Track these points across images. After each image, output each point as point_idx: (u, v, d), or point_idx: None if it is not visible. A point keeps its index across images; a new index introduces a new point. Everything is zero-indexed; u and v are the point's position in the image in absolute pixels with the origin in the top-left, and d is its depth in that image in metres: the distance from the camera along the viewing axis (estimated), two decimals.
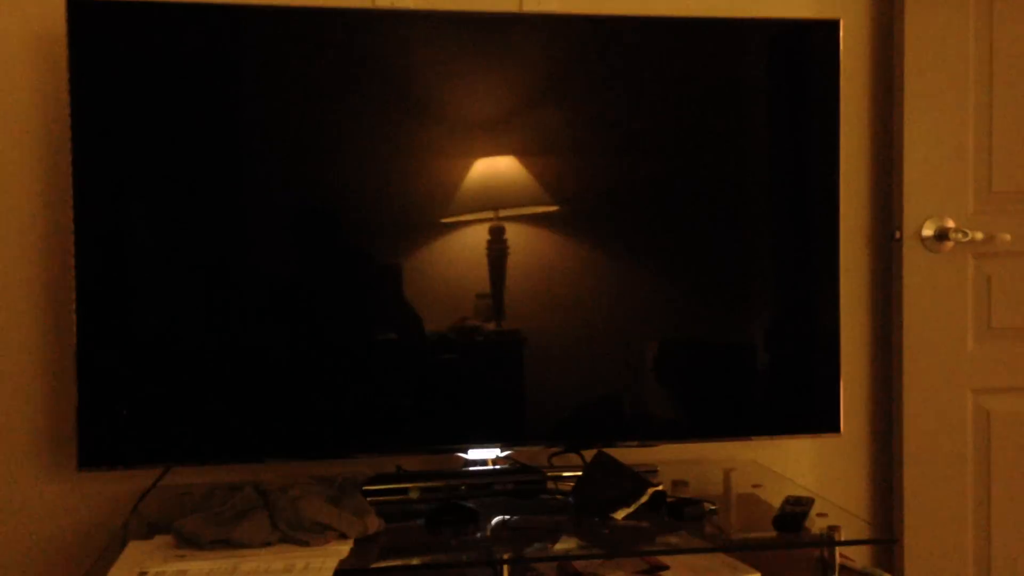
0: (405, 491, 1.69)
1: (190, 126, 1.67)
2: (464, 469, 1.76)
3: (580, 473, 1.71)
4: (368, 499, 1.58)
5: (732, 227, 1.85)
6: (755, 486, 1.81)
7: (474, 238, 1.72)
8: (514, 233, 1.73)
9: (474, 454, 1.75)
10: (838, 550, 1.54)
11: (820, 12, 1.99)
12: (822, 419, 1.83)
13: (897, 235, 1.97)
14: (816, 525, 1.56)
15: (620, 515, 1.58)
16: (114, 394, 1.63)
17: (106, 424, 1.62)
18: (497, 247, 1.73)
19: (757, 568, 1.50)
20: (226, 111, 1.69)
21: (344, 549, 1.42)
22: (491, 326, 1.74)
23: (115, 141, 1.64)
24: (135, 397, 1.64)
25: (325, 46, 1.71)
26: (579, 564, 1.51)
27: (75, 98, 1.60)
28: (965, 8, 1.96)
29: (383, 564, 1.43)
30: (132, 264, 1.66)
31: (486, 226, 1.73)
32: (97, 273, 1.62)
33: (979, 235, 1.95)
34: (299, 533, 1.43)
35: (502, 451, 1.76)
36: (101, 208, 1.63)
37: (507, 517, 1.62)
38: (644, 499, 1.60)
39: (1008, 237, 1.96)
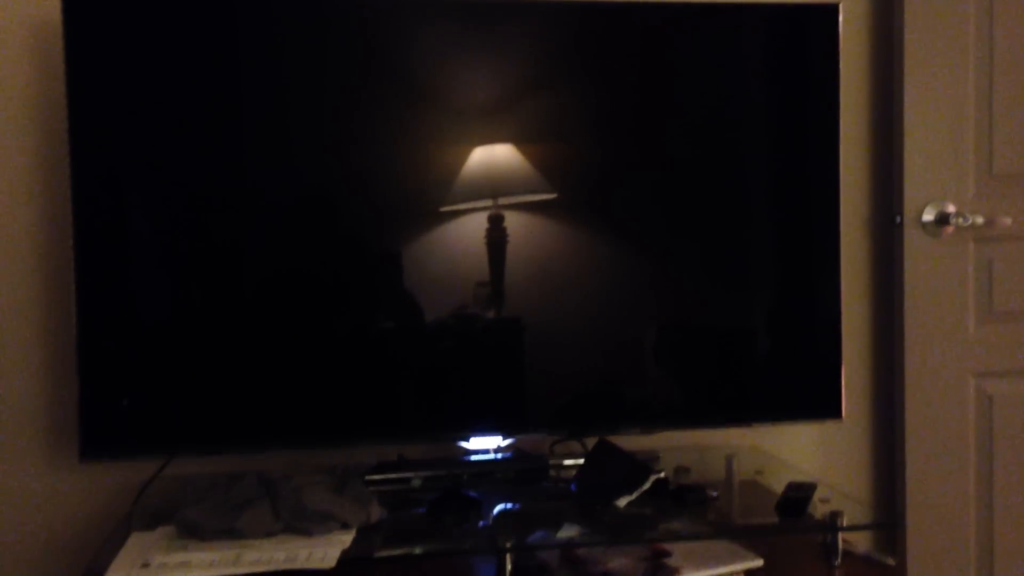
0: (407, 480, 1.69)
1: (187, 114, 1.66)
2: (466, 458, 1.76)
3: (582, 460, 1.71)
4: (370, 488, 1.58)
5: (732, 213, 1.84)
6: (757, 472, 1.81)
7: (473, 226, 1.72)
8: (513, 221, 1.73)
9: (476, 442, 1.75)
10: (841, 535, 1.54)
11: None
12: (824, 405, 1.83)
13: (898, 220, 1.97)
14: (819, 510, 1.56)
15: (622, 502, 1.58)
16: (115, 385, 1.62)
17: (108, 415, 1.62)
18: (496, 235, 1.72)
19: (760, 554, 1.50)
20: (224, 98, 1.68)
21: (347, 538, 1.42)
22: (491, 314, 1.74)
23: (113, 130, 1.63)
24: (137, 387, 1.64)
25: (323, 34, 1.70)
26: (582, 551, 1.51)
27: (71, 87, 1.59)
28: None
29: (386, 553, 1.43)
30: (131, 254, 1.66)
31: (485, 214, 1.72)
32: (96, 263, 1.61)
33: (980, 219, 1.95)
34: (302, 522, 1.43)
35: (504, 439, 1.75)
36: (100, 197, 1.62)
37: (509, 505, 1.62)
38: (646, 486, 1.60)
39: (1009, 221, 1.95)
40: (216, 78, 1.68)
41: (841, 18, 1.82)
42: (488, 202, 1.72)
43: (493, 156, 1.73)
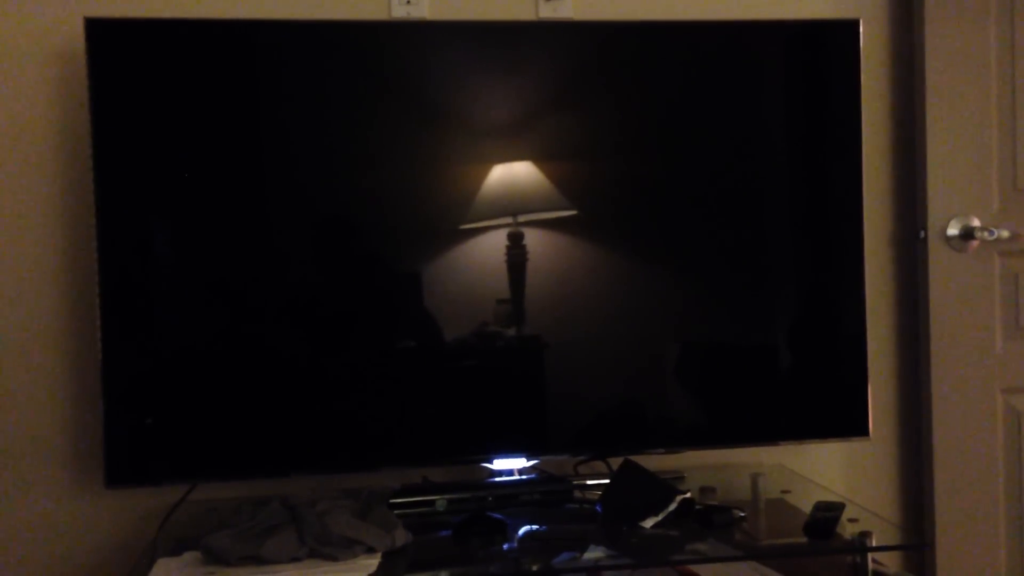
0: (432, 503, 1.68)
1: (210, 140, 1.67)
2: (490, 480, 1.75)
3: (607, 481, 1.70)
4: (395, 512, 1.57)
5: (755, 229, 1.84)
6: (784, 491, 1.80)
7: (493, 244, 1.72)
8: (533, 238, 1.73)
9: (500, 464, 1.75)
10: (870, 555, 1.52)
11: (839, 12, 1.97)
12: (850, 422, 1.81)
13: (922, 234, 1.95)
14: (847, 530, 1.55)
15: (649, 523, 1.57)
16: (140, 411, 1.63)
17: (133, 441, 1.63)
18: (516, 252, 1.72)
19: (789, 575, 1.49)
20: (245, 124, 1.70)
21: (372, 563, 1.41)
22: (512, 332, 1.73)
23: (136, 155, 1.64)
24: (162, 413, 1.64)
25: (342, 58, 1.71)
26: (608, 574, 1.50)
27: (95, 115, 1.60)
28: (986, 4, 1.94)
29: None
30: (155, 280, 1.66)
31: (505, 232, 1.72)
32: (121, 289, 1.62)
33: (1005, 233, 1.93)
34: (327, 548, 1.43)
35: (528, 461, 1.75)
36: (124, 222, 1.63)
37: (534, 527, 1.61)
38: (672, 507, 1.59)
39: None
40: (237, 102, 1.68)
41: (862, 33, 1.81)
42: (508, 220, 1.72)
43: (513, 174, 1.73)
